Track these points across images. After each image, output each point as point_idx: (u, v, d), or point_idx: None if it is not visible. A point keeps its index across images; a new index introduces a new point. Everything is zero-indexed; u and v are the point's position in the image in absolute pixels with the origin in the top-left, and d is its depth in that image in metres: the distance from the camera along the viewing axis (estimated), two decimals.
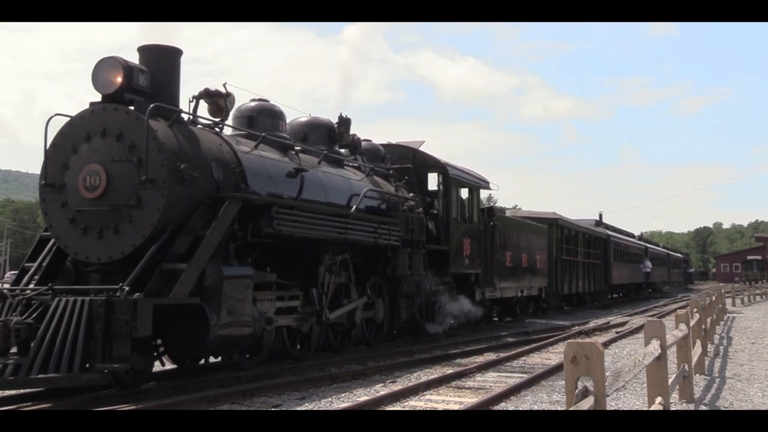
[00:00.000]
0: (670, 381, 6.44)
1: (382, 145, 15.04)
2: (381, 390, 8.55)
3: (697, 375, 9.40)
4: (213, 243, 8.32)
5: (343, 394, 8.39)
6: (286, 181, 10.37)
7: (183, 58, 9.24)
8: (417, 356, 11.92)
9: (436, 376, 9.50)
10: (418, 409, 7.46)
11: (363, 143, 14.04)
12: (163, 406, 7.21)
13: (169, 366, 9.71)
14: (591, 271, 29.54)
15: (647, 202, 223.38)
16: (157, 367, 9.31)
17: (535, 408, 7.68)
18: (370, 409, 7.16)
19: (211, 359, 10.25)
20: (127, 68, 8.48)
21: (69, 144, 8.59)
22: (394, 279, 13.18)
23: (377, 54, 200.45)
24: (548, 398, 8.22)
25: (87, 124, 8.54)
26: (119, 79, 8.45)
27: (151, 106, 8.31)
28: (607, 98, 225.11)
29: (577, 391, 3.57)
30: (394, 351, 12.44)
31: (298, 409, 7.50)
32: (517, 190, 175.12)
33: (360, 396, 8.20)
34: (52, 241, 8.75)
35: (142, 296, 7.40)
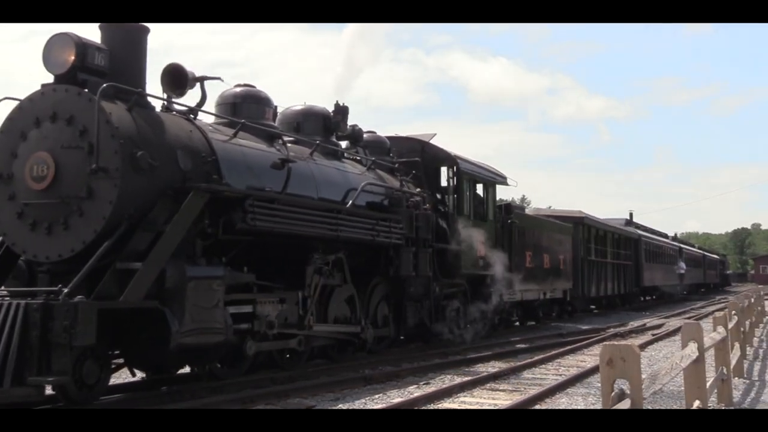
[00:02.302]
0: (708, 384, 6.35)
1: (388, 137, 14.00)
2: (415, 392, 8.51)
3: (736, 378, 9.09)
4: (174, 239, 7.39)
5: (377, 396, 8.31)
6: (270, 174, 9.40)
7: (216, 61, 8.63)
8: (450, 358, 11.79)
9: (469, 378, 9.42)
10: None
11: (366, 135, 13.04)
12: (200, 406, 7.12)
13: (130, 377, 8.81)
14: (621, 273, 28.20)
15: (683, 203, 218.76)
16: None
17: None
18: (406, 409, 7.05)
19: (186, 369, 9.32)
20: (81, 45, 7.58)
21: (18, 130, 7.71)
22: (399, 280, 12.16)
23: (408, 56, 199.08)
24: (583, 401, 8.07)
25: (37, 107, 7.66)
26: (71, 58, 7.56)
27: (104, 85, 7.40)
28: (642, 98, 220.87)
29: (613, 393, 3.53)
30: (428, 353, 12.33)
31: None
32: (551, 191, 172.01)
33: (394, 398, 8.13)
34: (1, 238, 7.89)
35: (84, 299, 6.48)
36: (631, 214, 38.01)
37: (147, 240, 7.42)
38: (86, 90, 7.53)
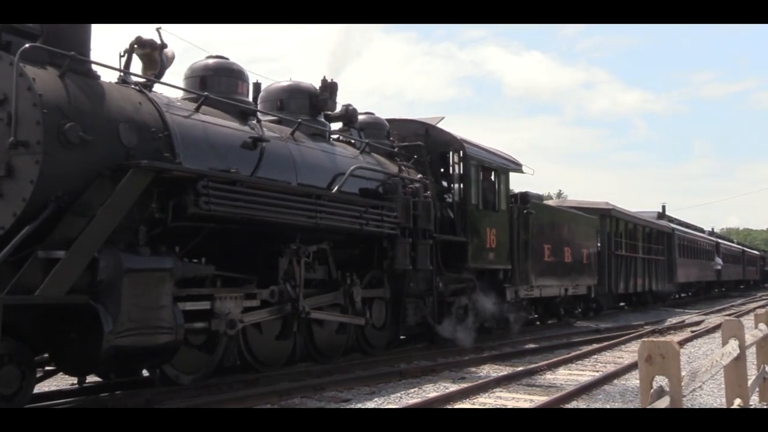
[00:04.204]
0: (749, 383, 6.34)
1: (389, 119, 12.86)
2: (450, 387, 8.45)
3: None
4: (107, 224, 6.41)
5: (412, 390, 8.29)
6: (239, 154, 8.39)
7: (250, 57, 7.46)
8: (486, 353, 11.73)
9: (505, 373, 9.39)
10: (488, 406, 7.32)
11: (363, 116, 11.97)
12: (235, 400, 7.09)
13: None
14: (652, 268, 26.70)
15: (722, 198, 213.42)
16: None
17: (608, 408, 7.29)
18: (440, 407, 6.98)
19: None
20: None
21: None
22: (396, 275, 11.07)
23: (442, 50, 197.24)
24: (621, 398, 7.94)
25: None
26: None
27: (26, 45, 6.43)
28: (679, 92, 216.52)
29: (652, 390, 3.54)
30: (463, 348, 12.06)
31: (368, 404, 7.42)
32: (587, 186, 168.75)
33: (429, 392, 8.10)
34: None
35: None
36: (663, 208, 36.35)
37: (79, 226, 6.43)
38: (10, 54, 6.56)
